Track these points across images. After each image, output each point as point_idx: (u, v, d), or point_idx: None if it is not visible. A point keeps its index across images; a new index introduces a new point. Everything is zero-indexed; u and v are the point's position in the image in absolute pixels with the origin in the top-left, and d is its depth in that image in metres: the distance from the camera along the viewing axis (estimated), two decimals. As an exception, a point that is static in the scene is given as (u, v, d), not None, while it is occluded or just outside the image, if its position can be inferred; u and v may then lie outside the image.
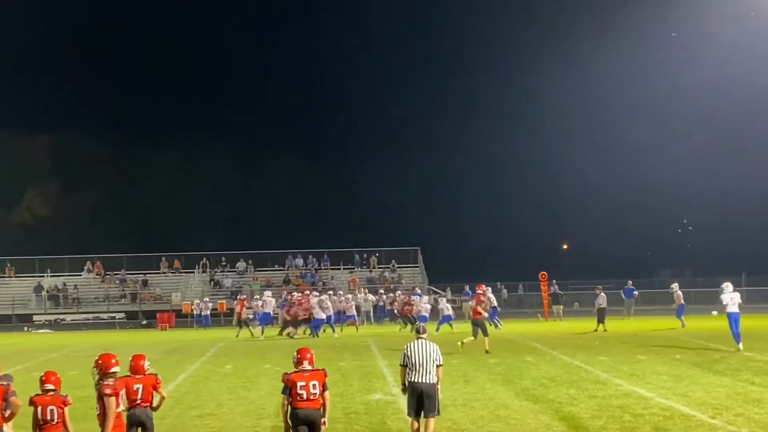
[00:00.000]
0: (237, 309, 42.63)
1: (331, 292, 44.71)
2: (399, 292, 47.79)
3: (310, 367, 11.67)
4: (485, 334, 27.86)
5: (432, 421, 13.16)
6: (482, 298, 29.91)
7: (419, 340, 13.39)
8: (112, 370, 11.25)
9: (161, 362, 26.38)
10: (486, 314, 29.82)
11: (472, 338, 27.91)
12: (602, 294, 38.32)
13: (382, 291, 51.38)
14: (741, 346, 26.53)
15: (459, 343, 27.72)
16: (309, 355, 11.77)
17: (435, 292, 53.41)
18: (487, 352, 27.02)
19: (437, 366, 13.17)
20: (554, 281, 49.75)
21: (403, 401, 14.56)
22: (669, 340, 30.85)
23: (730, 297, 27.66)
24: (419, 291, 46.15)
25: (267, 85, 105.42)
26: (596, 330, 36.67)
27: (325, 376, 11.67)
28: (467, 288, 49.22)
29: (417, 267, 60.90)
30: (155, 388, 12.19)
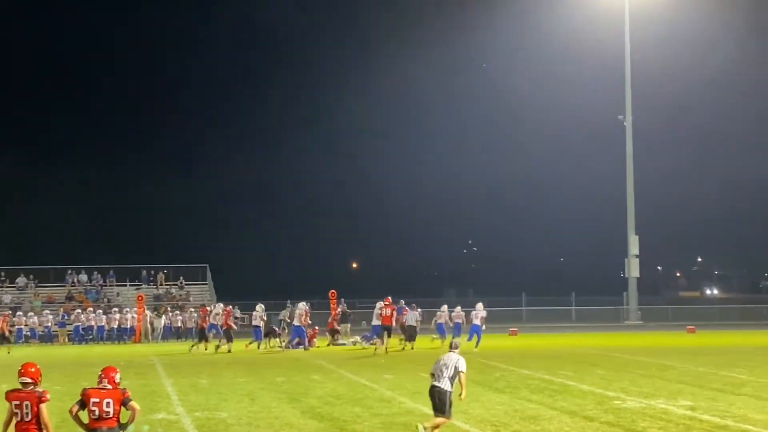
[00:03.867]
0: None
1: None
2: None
3: (110, 387, 11.68)
4: (389, 336, 34.66)
5: (441, 419, 14.88)
6: (394, 308, 36.03)
7: (448, 353, 15.22)
8: None
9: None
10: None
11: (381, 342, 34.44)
12: (412, 312, 38.02)
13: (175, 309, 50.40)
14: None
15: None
16: (112, 375, 11.79)
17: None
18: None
19: (459, 373, 14.86)
20: (343, 300, 50.04)
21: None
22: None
23: (474, 313, 36.64)
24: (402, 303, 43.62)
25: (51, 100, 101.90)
26: (404, 348, 36.69)
27: (123, 395, 11.68)
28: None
29: (206, 284, 60.05)
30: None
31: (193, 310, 49.27)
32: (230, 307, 40.90)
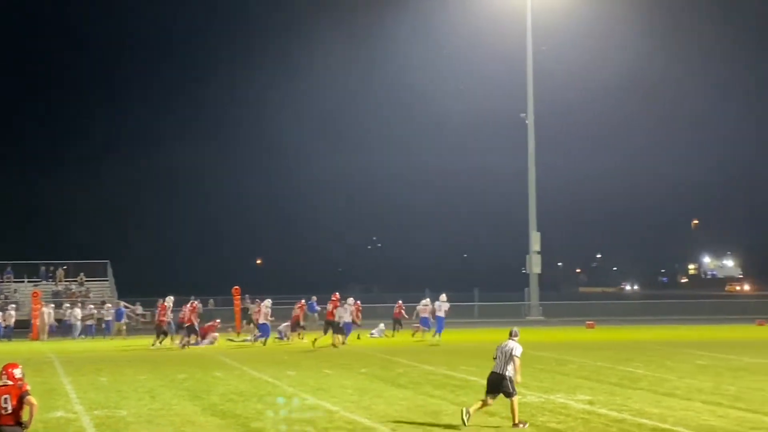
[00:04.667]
0: None
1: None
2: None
3: (10, 382, 11.63)
4: (335, 332, 35.24)
5: (512, 400, 16.10)
6: (338, 303, 36.04)
7: (507, 341, 16.49)
8: None
9: None
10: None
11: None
12: (344, 307, 36.84)
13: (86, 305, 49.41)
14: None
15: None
16: (11, 370, 11.76)
17: (127, 306, 51.92)
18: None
19: (513, 357, 16.08)
20: (247, 296, 49.74)
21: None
22: (356, 355, 31.59)
23: (438, 305, 38.45)
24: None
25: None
26: (334, 344, 36.17)
27: (21, 390, 11.62)
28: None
29: (106, 280, 59.04)
30: None
31: (92, 306, 48.38)
32: (196, 302, 40.57)
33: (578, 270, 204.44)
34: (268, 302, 38.61)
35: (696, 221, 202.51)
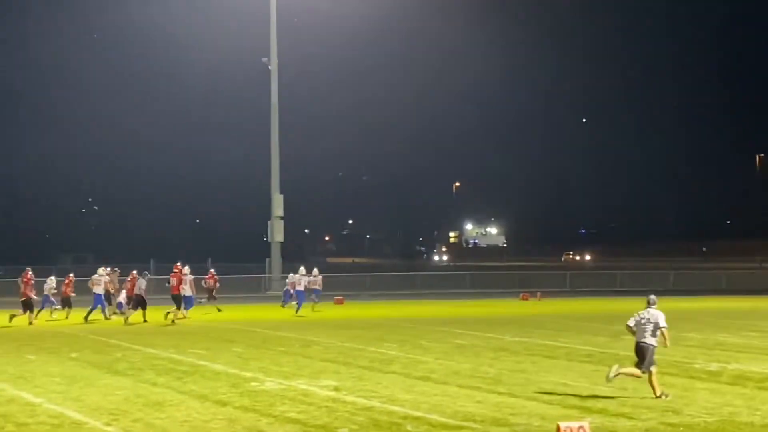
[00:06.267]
0: None
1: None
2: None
3: None
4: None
5: (650, 373, 17.95)
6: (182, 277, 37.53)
7: (647, 309, 18.23)
8: None
9: None
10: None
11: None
12: (141, 279, 37.76)
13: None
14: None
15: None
16: None
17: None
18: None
19: (661, 328, 17.99)
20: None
21: None
22: (66, 338, 30.86)
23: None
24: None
25: None
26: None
27: None
28: None
29: None
30: None
31: None
32: (71, 275, 40.68)
33: (327, 238, 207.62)
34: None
35: (458, 183, 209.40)
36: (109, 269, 41.36)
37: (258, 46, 65.96)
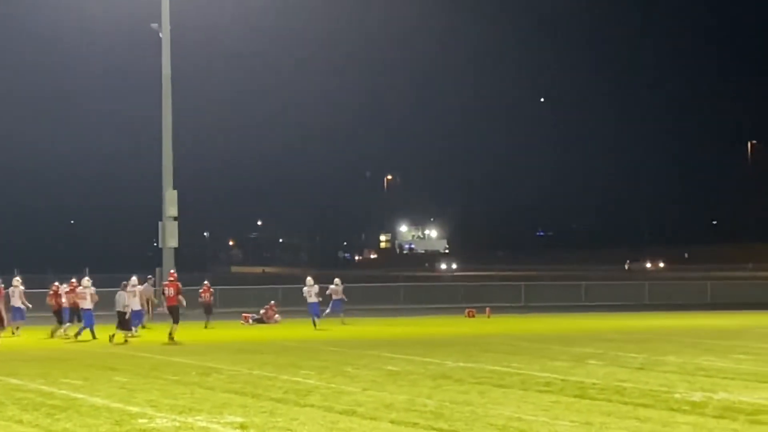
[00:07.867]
0: None
1: None
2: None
3: None
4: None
5: None
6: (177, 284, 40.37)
7: None
8: None
9: None
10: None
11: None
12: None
13: None
14: None
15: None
16: None
17: None
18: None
19: None
20: None
21: None
22: None
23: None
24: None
25: None
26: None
27: None
28: None
29: None
30: None
31: None
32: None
33: (231, 243, 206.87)
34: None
35: (390, 177, 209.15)
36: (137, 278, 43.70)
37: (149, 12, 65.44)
